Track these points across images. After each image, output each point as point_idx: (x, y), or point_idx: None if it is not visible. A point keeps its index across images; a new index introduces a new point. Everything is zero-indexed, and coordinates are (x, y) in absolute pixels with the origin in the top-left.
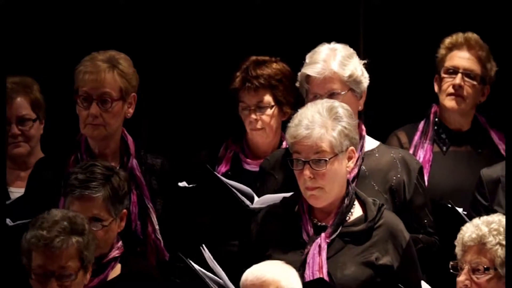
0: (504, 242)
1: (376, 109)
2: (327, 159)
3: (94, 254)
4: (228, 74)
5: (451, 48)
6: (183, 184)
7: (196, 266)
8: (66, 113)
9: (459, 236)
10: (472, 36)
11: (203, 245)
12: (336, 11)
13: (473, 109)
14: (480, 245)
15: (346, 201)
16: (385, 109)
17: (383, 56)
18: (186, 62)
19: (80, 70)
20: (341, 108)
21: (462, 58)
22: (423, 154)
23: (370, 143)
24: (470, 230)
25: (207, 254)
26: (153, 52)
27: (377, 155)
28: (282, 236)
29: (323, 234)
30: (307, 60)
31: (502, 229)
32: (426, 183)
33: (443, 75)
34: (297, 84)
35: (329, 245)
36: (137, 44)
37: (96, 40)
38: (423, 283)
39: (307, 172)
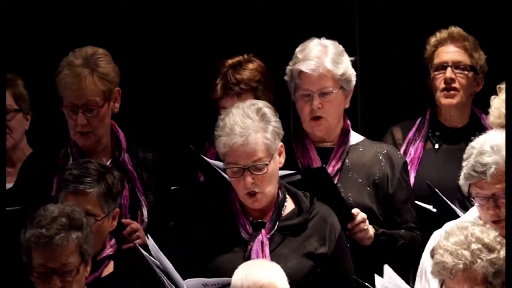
0: (490, 257)
1: (373, 106)
2: (267, 163)
3: (93, 246)
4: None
5: (437, 45)
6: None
7: (144, 253)
8: (56, 107)
9: (437, 261)
10: (455, 29)
11: (147, 234)
12: (332, 10)
13: (469, 101)
14: (470, 272)
15: (280, 196)
16: (382, 106)
17: (379, 53)
18: (186, 62)
19: (60, 79)
20: (266, 108)
21: (448, 52)
22: (414, 150)
23: (355, 138)
24: (450, 259)
25: (150, 242)
26: (152, 52)
27: (361, 149)
28: (219, 236)
29: (263, 230)
30: (298, 55)
31: (480, 245)
32: (413, 180)
33: (433, 73)
34: (286, 78)
35: (269, 240)
36: (137, 43)
37: (96, 39)
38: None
39: (248, 179)
